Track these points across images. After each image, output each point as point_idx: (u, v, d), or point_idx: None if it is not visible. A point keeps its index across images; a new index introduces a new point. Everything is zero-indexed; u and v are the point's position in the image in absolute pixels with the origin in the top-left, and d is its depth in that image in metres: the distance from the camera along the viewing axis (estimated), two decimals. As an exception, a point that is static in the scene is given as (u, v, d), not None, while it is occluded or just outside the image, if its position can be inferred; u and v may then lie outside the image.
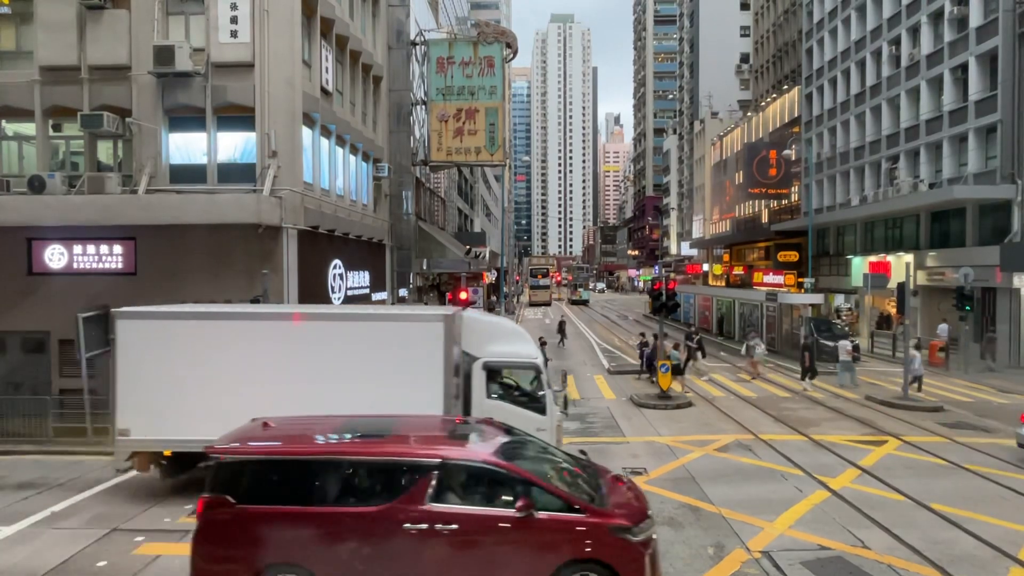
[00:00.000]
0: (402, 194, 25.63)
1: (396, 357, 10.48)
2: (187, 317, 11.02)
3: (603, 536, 7.07)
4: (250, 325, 10.91)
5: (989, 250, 25.44)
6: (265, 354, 10.59)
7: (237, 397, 10.28)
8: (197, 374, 10.56)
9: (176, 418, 10.52)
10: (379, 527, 7.01)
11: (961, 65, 28.11)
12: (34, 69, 15.88)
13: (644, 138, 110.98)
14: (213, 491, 7.18)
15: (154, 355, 10.63)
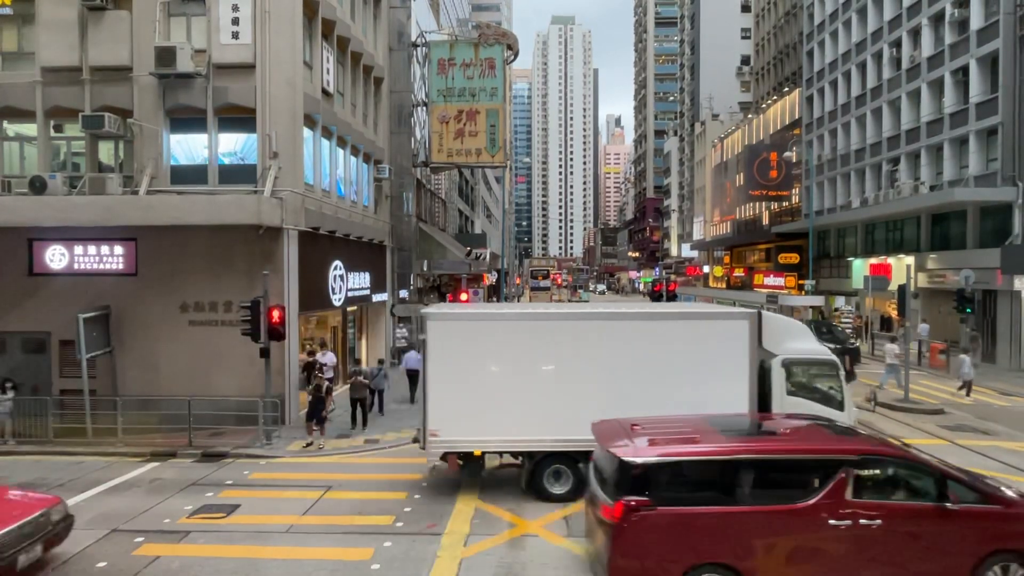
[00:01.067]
0: (403, 195, 25.63)
1: (703, 355, 10.69)
2: (497, 318, 11.24)
3: (1020, 527, 7.32)
4: (560, 326, 11.06)
5: (990, 252, 25.43)
6: (574, 354, 10.76)
7: (546, 398, 10.57)
8: (507, 375, 10.75)
9: (486, 419, 10.71)
10: (804, 523, 7.13)
11: (962, 67, 28.12)
12: (36, 70, 15.90)
13: (645, 140, 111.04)
14: (631, 494, 7.15)
15: (464, 356, 10.74)
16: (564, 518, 10.21)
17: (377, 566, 8.60)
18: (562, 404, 10.51)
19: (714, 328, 10.95)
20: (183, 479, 12.21)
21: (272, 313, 14.01)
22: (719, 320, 11.12)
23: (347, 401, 16.48)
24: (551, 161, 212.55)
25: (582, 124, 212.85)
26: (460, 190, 44.03)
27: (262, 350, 14.13)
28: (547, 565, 8.62)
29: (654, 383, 10.57)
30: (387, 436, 15.35)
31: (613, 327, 10.97)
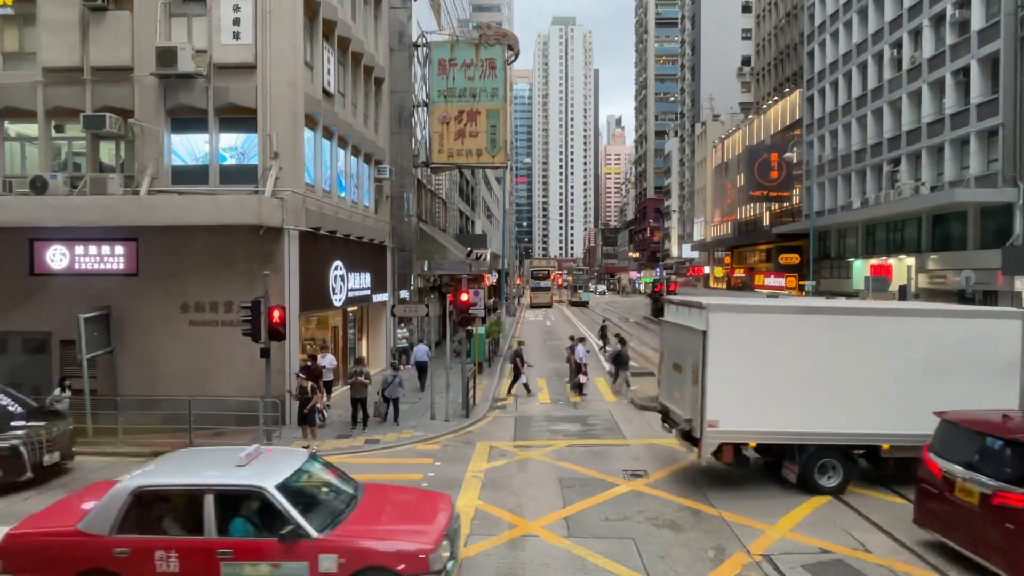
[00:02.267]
0: (403, 196, 25.63)
1: (976, 353, 10.90)
2: (781, 311, 11.48)
3: None
4: (841, 320, 11.27)
5: (991, 253, 25.41)
6: (852, 349, 10.98)
7: (823, 391, 10.85)
8: (786, 367, 10.95)
9: (765, 410, 10.93)
10: None
11: (963, 68, 28.10)
12: (37, 70, 15.91)
13: (645, 140, 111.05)
14: None
15: (745, 348, 10.93)
16: (564, 519, 10.22)
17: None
18: (838, 398, 10.85)
19: (988, 327, 11.20)
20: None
21: (272, 313, 14.01)
22: (993, 319, 11.40)
23: (347, 402, 16.48)
24: (552, 161, 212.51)
25: (583, 124, 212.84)
26: (461, 190, 44.03)
27: (262, 350, 14.13)
28: (547, 566, 8.62)
29: (927, 380, 10.83)
30: (387, 436, 15.35)
31: (890, 324, 11.26)
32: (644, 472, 12.61)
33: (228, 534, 7.18)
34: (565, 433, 15.85)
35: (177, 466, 8.17)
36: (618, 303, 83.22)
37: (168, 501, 7.55)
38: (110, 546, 7.09)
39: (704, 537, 9.51)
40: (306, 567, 7.05)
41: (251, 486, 7.38)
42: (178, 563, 7.09)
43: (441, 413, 16.97)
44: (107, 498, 7.34)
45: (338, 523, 7.41)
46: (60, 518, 7.64)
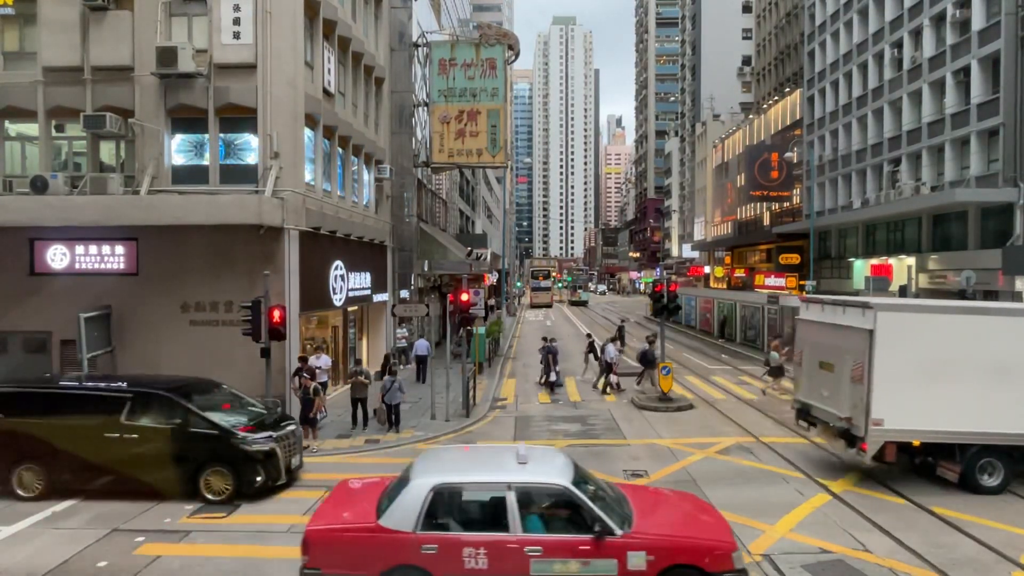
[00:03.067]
0: (404, 195, 25.63)
1: None
2: (949, 311, 11.64)
3: None
4: (1008, 322, 11.47)
5: (991, 253, 25.39)
6: (1019, 350, 11.17)
7: (991, 391, 11.03)
8: (953, 367, 11.11)
9: (930, 410, 11.11)
10: None
11: (963, 68, 28.08)
12: (37, 70, 15.90)
13: (646, 140, 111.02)
14: None
15: (912, 347, 11.12)
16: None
17: (377, 566, 8.59)
18: (1005, 398, 11.03)
19: None
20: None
21: (273, 313, 14.01)
22: None
23: (347, 401, 16.48)
24: (552, 161, 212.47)
25: (583, 124, 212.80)
26: (461, 190, 44.03)
27: (263, 350, 14.13)
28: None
29: None
30: (387, 436, 15.35)
31: None
32: (644, 472, 12.61)
33: (526, 531, 7.26)
34: (565, 433, 15.86)
35: (445, 464, 8.14)
36: (618, 303, 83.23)
37: (465, 498, 7.63)
38: (417, 543, 7.19)
39: (704, 537, 9.50)
40: (615, 565, 7.12)
41: (552, 483, 7.51)
42: (487, 560, 7.16)
43: (441, 413, 16.97)
44: (406, 495, 7.41)
45: (630, 520, 7.46)
46: (352, 513, 7.72)
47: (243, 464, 11.00)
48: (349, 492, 8.55)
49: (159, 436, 11.05)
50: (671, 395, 19.08)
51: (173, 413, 11.23)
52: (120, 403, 11.17)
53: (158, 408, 11.32)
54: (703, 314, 42.23)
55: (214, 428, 11.14)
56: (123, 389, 11.49)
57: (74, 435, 11.03)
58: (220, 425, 11.22)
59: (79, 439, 10.99)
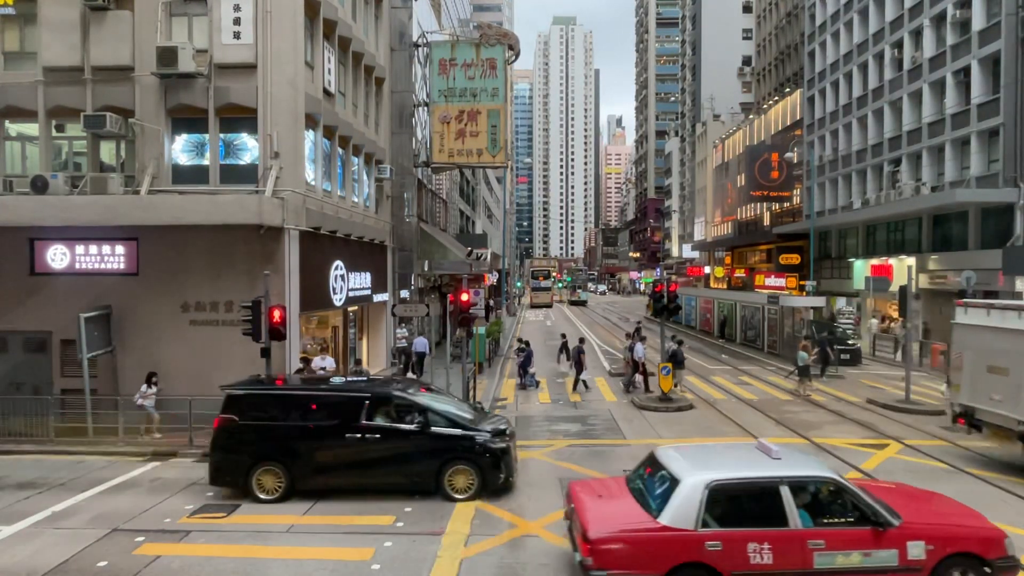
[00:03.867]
0: (404, 195, 25.63)
1: None
2: None
3: None
4: None
5: (991, 254, 25.40)
6: None
7: None
8: None
9: None
10: None
11: (963, 68, 28.09)
12: (37, 70, 15.91)
13: (646, 140, 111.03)
14: None
15: None
16: (565, 519, 10.21)
17: (377, 566, 8.60)
18: None
19: None
20: (184, 479, 12.22)
21: (273, 313, 14.01)
22: None
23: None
24: (552, 161, 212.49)
25: (583, 124, 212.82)
26: (461, 190, 44.04)
27: (263, 350, 14.13)
28: (547, 566, 8.62)
29: None
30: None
31: None
32: (644, 472, 12.59)
33: (803, 525, 7.35)
34: (565, 433, 15.85)
35: (701, 462, 8.06)
36: (618, 303, 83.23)
37: (740, 494, 7.67)
38: (701, 540, 7.26)
39: (704, 537, 9.49)
40: (895, 555, 7.20)
41: (824, 476, 7.68)
42: (771, 555, 7.22)
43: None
44: (682, 494, 7.46)
45: (895, 511, 7.54)
46: (619, 515, 7.74)
47: (487, 462, 11.12)
48: (590, 493, 8.50)
49: (402, 437, 11.14)
50: (671, 395, 19.08)
51: (412, 413, 11.37)
52: (358, 404, 11.25)
53: (397, 409, 11.45)
54: (703, 314, 42.22)
55: (456, 427, 11.32)
56: (361, 390, 11.62)
57: (314, 436, 11.11)
58: (462, 424, 11.43)
59: (319, 440, 11.07)
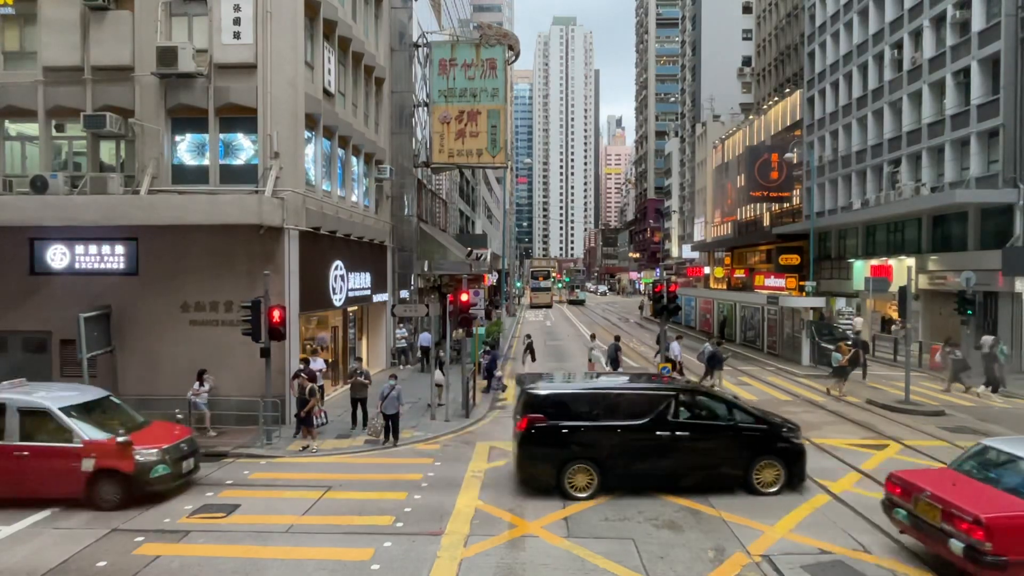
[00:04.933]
0: (404, 196, 25.64)
1: None
2: None
3: None
4: None
5: (991, 254, 25.41)
6: None
7: None
8: None
9: None
10: None
11: (963, 69, 28.10)
12: (37, 69, 15.92)
13: (646, 141, 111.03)
14: None
15: None
16: (564, 519, 10.22)
17: (377, 566, 8.60)
18: None
19: None
20: (183, 479, 12.20)
21: (272, 313, 14.02)
22: None
23: (346, 402, 16.47)
24: (552, 162, 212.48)
25: (583, 125, 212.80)
26: (461, 190, 44.04)
27: (262, 350, 14.14)
28: (547, 566, 8.62)
29: None
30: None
31: None
32: (644, 472, 12.59)
33: None
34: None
35: None
36: (617, 303, 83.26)
37: None
38: None
39: (704, 537, 9.51)
40: None
41: None
42: None
43: (441, 413, 16.97)
44: None
45: None
46: (998, 501, 7.83)
47: (791, 456, 11.38)
48: (934, 481, 8.60)
49: (712, 432, 11.37)
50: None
51: (719, 409, 11.66)
52: (667, 401, 11.40)
53: (703, 405, 11.72)
54: (703, 315, 42.21)
55: (762, 423, 11.58)
56: (668, 388, 11.87)
57: (624, 434, 11.23)
58: (770, 420, 11.73)
59: (630, 437, 11.21)
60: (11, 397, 10.91)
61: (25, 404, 10.83)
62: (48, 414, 10.73)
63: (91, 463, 10.46)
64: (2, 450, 10.52)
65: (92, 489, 10.50)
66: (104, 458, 10.51)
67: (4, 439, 10.57)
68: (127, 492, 10.54)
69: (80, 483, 10.47)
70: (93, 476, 10.48)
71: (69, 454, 10.47)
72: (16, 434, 10.61)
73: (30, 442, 10.58)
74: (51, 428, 10.67)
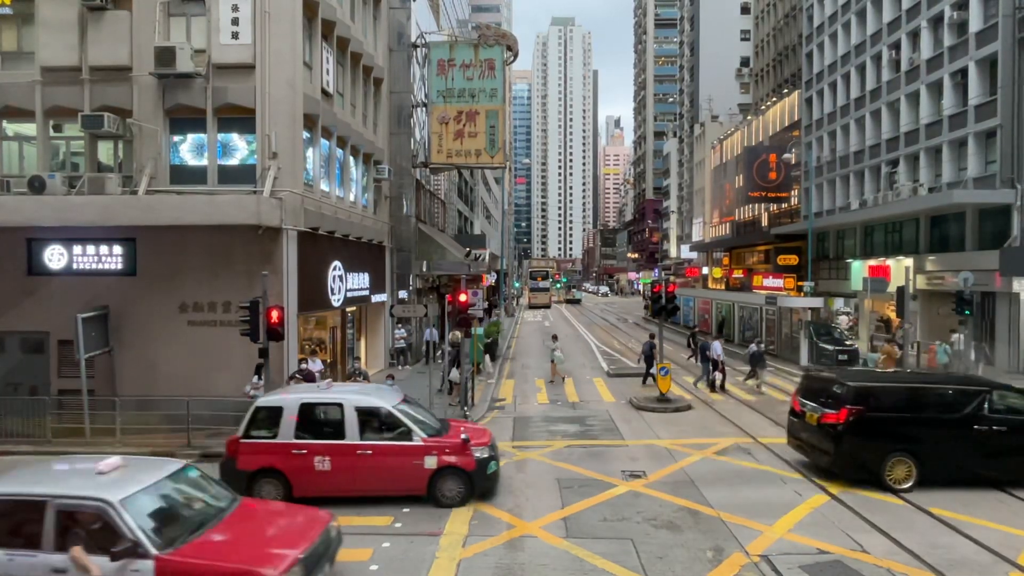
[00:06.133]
0: (402, 196, 25.63)
1: None
2: None
3: None
4: None
5: (989, 254, 25.43)
6: None
7: None
8: None
9: None
10: None
11: (961, 70, 28.13)
12: (35, 69, 15.89)
13: (644, 141, 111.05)
14: None
15: None
16: (563, 519, 10.22)
17: (376, 567, 8.60)
18: None
19: None
20: None
21: (271, 313, 13.98)
22: None
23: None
24: (550, 162, 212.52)
25: (581, 125, 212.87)
26: (459, 191, 44.03)
27: (261, 350, 14.10)
28: (546, 566, 8.62)
29: None
30: (386, 437, 15.31)
31: None
32: (642, 473, 12.62)
33: None
34: (564, 434, 15.86)
35: None
36: (616, 303, 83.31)
37: None
38: None
39: (702, 537, 9.52)
40: None
41: None
42: None
43: (440, 414, 16.94)
44: None
45: None
46: None
47: None
48: None
49: None
50: (669, 396, 19.09)
51: None
52: (980, 397, 11.73)
53: (1014, 402, 11.99)
54: (701, 315, 42.23)
55: None
56: (982, 384, 12.46)
57: (942, 427, 11.60)
58: None
59: (947, 431, 11.57)
60: (348, 397, 11.03)
61: (363, 404, 10.96)
62: (383, 412, 10.96)
63: (433, 461, 10.66)
64: (345, 449, 10.59)
65: (434, 486, 10.71)
66: (446, 455, 10.72)
67: (345, 439, 10.65)
68: (468, 489, 10.76)
69: (423, 481, 10.67)
70: (435, 474, 10.68)
71: (413, 452, 10.68)
72: (357, 434, 10.71)
73: (373, 441, 10.77)
74: (399, 426, 10.91)
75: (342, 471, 10.57)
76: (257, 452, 10.68)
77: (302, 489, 10.47)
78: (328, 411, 10.98)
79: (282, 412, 10.78)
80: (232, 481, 10.17)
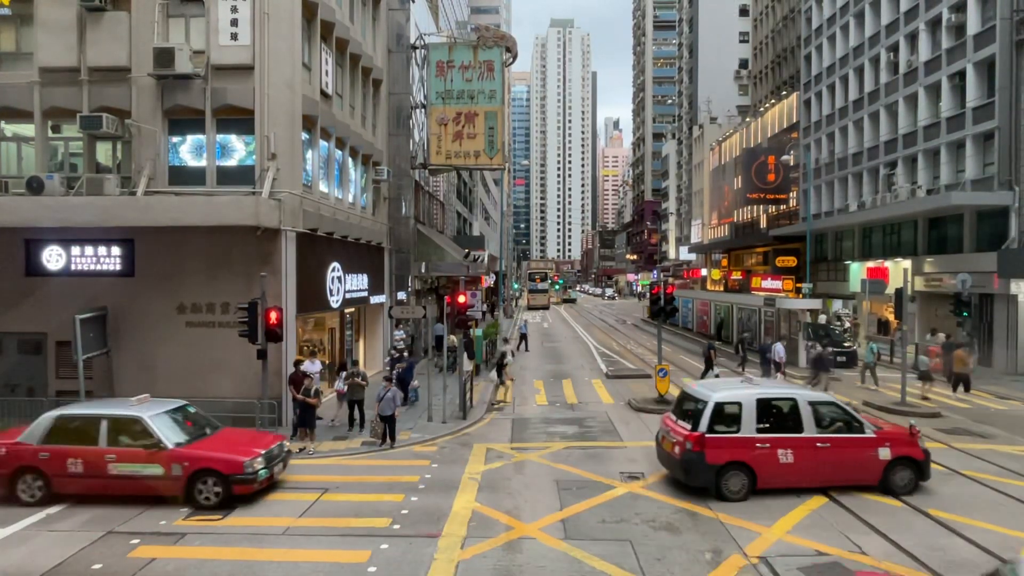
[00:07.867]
0: (401, 197, 25.62)
1: None
2: None
3: None
4: None
5: (987, 256, 25.49)
6: None
7: None
8: None
9: None
10: None
11: (959, 72, 28.20)
12: (34, 70, 15.87)
13: (643, 143, 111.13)
14: None
15: None
16: (561, 521, 10.21)
17: (374, 569, 8.58)
18: None
19: None
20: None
21: (269, 315, 13.99)
22: None
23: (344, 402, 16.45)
24: (549, 163, 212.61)
25: (580, 127, 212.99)
26: (458, 192, 44.02)
27: (259, 352, 14.11)
28: (544, 568, 8.61)
29: None
30: (384, 438, 15.30)
31: None
32: (641, 474, 12.61)
33: None
34: (562, 435, 15.85)
35: None
36: (615, 305, 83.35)
37: None
38: None
39: (701, 539, 9.52)
40: None
41: None
42: None
43: (438, 415, 16.96)
44: None
45: None
46: None
47: None
48: None
49: None
50: (668, 397, 19.08)
51: None
52: None
53: None
54: (700, 316, 42.25)
55: None
56: None
57: None
58: None
59: None
60: (800, 392, 11.87)
61: (815, 399, 11.72)
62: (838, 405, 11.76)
63: (887, 452, 11.24)
64: (804, 442, 11.19)
65: (888, 476, 11.26)
66: (898, 446, 11.35)
67: (803, 431, 11.25)
68: (917, 476, 11.35)
69: (877, 471, 11.25)
70: (889, 464, 11.26)
71: (866, 444, 11.30)
72: (814, 427, 11.32)
73: (831, 434, 11.35)
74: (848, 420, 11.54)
75: (802, 463, 11.17)
76: (722, 446, 11.16)
77: (764, 481, 11.18)
78: (783, 406, 11.64)
79: (741, 408, 11.36)
80: (700, 474, 11.11)
